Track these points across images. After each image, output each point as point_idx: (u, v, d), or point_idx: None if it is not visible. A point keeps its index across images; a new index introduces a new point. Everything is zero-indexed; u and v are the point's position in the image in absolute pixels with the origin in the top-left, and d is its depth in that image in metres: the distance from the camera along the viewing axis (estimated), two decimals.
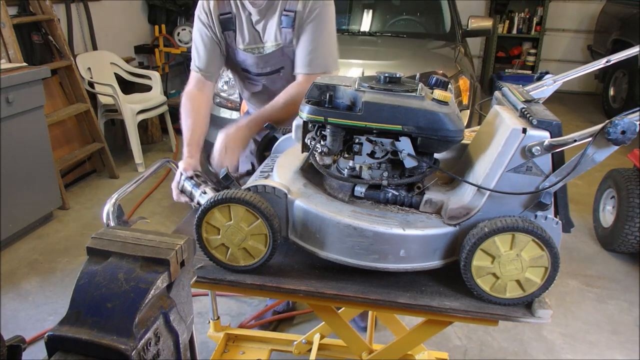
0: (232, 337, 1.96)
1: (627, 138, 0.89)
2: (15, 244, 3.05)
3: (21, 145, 2.99)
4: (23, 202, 3.04)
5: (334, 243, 1.07)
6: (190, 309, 0.82)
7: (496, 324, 1.07)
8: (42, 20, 3.59)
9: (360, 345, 1.41)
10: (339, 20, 4.21)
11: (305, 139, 1.20)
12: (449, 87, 1.17)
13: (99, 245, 0.74)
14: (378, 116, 1.06)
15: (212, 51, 1.72)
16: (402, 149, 1.08)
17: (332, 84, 1.10)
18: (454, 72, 3.12)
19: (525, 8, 6.87)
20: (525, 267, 1.01)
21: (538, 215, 1.03)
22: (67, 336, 0.66)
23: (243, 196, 1.05)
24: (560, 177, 0.99)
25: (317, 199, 1.11)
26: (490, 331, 2.37)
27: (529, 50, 7.01)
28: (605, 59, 1.29)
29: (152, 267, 0.71)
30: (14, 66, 3.06)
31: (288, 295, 1.13)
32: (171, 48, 5.10)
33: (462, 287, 1.07)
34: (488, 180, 1.03)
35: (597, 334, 2.40)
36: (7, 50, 3.28)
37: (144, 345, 0.67)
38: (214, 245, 1.11)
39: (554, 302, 2.59)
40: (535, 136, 0.98)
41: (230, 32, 1.71)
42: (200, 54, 1.72)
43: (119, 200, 1.19)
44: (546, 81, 1.30)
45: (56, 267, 2.84)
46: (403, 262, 1.06)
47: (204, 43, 1.71)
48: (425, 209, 1.11)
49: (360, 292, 1.07)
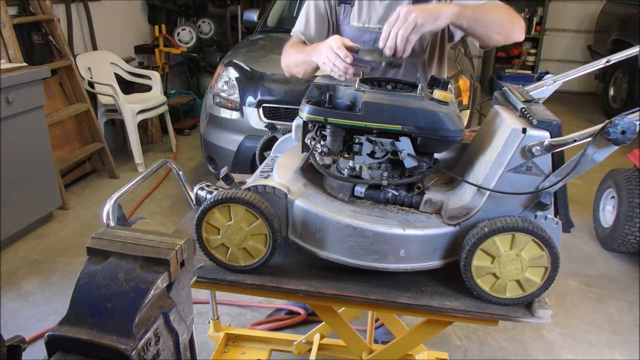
0: (232, 337, 1.96)
1: (627, 138, 0.89)
2: (15, 244, 3.05)
3: (21, 145, 2.99)
4: (23, 202, 3.04)
5: (334, 243, 1.07)
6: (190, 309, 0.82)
7: (496, 324, 1.07)
8: (42, 20, 3.59)
9: (360, 345, 1.41)
10: None
11: (305, 139, 1.20)
12: (449, 87, 1.17)
13: (99, 245, 0.74)
14: (378, 116, 1.06)
15: (322, 23, 1.66)
16: (402, 149, 1.08)
17: (332, 84, 1.10)
18: (454, 72, 3.12)
19: (525, 8, 6.86)
20: (525, 267, 1.01)
21: (538, 215, 1.03)
22: (67, 336, 0.66)
23: (243, 196, 1.05)
24: (560, 177, 0.99)
25: (317, 199, 1.12)
26: (490, 331, 2.37)
27: (529, 50, 7.01)
28: (605, 59, 1.29)
29: (152, 267, 0.71)
30: (14, 66, 3.06)
31: (288, 295, 1.13)
32: (171, 48, 5.10)
33: (462, 287, 1.07)
34: (488, 180, 1.03)
35: (597, 334, 2.40)
36: (7, 50, 3.28)
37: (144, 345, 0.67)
38: (214, 245, 1.11)
39: (554, 302, 2.59)
40: (535, 136, 0.98)
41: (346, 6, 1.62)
42: (309, 23, 1.67)
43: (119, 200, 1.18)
44: (546, 81, 1.30)
45: (56, 267, 2.84)
46: (403, 262, 1.06)
47: (318, 12, 1.66)
48: (425, 209, 1.11)
49: (360, 292, 1.07)
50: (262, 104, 3.02)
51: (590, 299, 2.66)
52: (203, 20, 5.78)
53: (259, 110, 3.03)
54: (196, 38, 5.47)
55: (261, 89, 3.03)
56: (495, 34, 1.44)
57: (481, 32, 1.44)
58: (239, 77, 3.16)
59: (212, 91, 3.29)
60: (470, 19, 1.38)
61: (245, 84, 3.11)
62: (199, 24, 5.75)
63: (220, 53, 5.47)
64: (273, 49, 3.61)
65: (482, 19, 1.41)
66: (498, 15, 1.43)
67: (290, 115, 2.95)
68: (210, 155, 3.29)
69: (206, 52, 5.73)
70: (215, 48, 5.80)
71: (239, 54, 3.43)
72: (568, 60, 6.98)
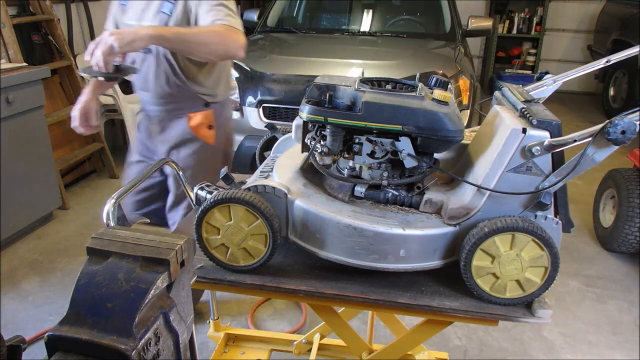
0: (232, 337, 1.96)
1: (627, 138, 0.89)
2: (15, 244, 3.05)
3: (21, 145, 2.99)
4: (23, 202, 3.04)
5: (334, 243, 1.07)
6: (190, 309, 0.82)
7: (496, 324, 1.07)
8: (42, 20, 3.60)
9: (360, 345, 1.41)
10: (339, 20, 4.22)
11: (305, 139, 1.20)
12: (449, 87, 1.17)
13: (99, 245, 0.74)
14: (378, 116, 1.06)
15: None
16: (402, 149, 1.08)
17: (332, 84, 1.10)
18: (454, 72, 3.12)
19: (525, 8, 6.87)
20: (525, 267, 1.01)
21: (538, 215, 1.03)
22: (67, 336, 0.66)
23: (243, 196, 1.05)
24: (560, 177, 0.99)
25: (317, 199, 1.12)
26: (490, 331, 2.37)
27: (529, 50, 7.01)
28: (605, 59, 1.29)
29: (152, 267, 0.71)
30: (14, 66, 3.06)
31: (288, 295, 1.12)
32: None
33: (462, 287, 1.07)
34: (488, 180, 1.03)
35: (597, 334, 2.40)
36: (7, 50, 3.28)
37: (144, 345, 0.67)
38: (214, 245, 1.11)
39: (554, 302, 2.59)
40: (535, 136, 0.98)
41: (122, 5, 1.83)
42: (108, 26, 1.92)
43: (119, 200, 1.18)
44: (546, 81, 1.30)
45: (56, 267, 2.84)
46: (403, 262, 1.06)
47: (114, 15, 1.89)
48: (425, 209, 1.11)
49: (360, 292, 1.07)
50: (262, 104, 3.02)
51: (590, 299, 2.66)
52: None
53: (259, 110, 3.03)
54: None
55: (261, 89, 3.03)
56: (204, 53, 1.65)
57: (189, 52, 1.67)
58: (239, 77, 3.16)
59: None
60: (172, 41, 1.58)
61: (245, 84, 3.11)
62: None
63: None
64: (273, 49, 3.62)
65: (188, 42, 1.60)
66: (208, 38, 1.62)
67: (290, 115, 2.95)
68: None
69: None
70: None
71: None
72: (568, 60, 6.98)
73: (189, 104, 1.87)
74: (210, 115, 1.90)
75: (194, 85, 1.84)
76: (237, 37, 1.64)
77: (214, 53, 1.65)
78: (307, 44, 3.74)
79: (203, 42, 1.61)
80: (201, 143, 1.90)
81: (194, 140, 1.90)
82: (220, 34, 1.62)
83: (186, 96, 1.84)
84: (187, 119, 1.88)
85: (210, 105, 1.90)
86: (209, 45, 1.62)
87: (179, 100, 1.86)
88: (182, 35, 1.59)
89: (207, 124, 1.90)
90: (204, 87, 1.86)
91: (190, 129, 1.88)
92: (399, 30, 3.99)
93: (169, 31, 1.58)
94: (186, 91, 1.83)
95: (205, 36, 1.62)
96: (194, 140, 1.90)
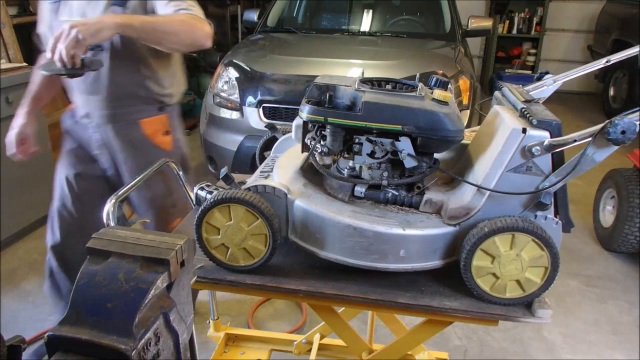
0: (232, 337, 1.95)
1: (627, 138, 0.89)
2: (15, 244, 3.05)
3: None
4: (23, 202, 3.04)
5: (334, 243, 1.07)
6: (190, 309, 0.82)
7: (496, 324, 1.07)
8: None
9: (360, 345, 1.41)
10: (339, 20, 4.22)
11: (305, 139, 1.20)
12: (449, 87, 1.17)
13: (99, 245, 0.74)
14: (378, 116, 1.06)
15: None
16: (402, 149, 1.08)
17: (332, 84, 1.10)
18: (454, 72, 3.12)
19: (525, 8, 6.87)
20: (525, 267, 1.01)
21: (538, 215, 1.03)
22: (67, 336, 0.66)
23: (243, 196, 1.05)
24: (560, 177, 0.99)
25: (317, 199, 1.12)
26: (490, 331, 2.37)
27: (529, 50, 7.01)
28: (605, 59, 1.29)
29: (152, 267, 0.71)
30: (14, 66, 3.06)
31: (288, 295, 1.12)
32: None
33: (462, 287, 1.07)
34: (488, 180, 1.03)
35: (597, 334, 2.40)
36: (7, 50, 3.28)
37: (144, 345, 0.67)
38: (214, 245, 1.11)
39: (554, 302, 2.58)
40: (535, 136, 0.98)
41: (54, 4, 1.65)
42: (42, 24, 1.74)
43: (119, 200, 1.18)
44: (546, 81, 1.30)
45: None
46: (403, 262, 1.06)
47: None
48: (425, 209, 1.11)
49: (360, 292, 1.07)
50: (262, 104, 3.02)
51: (590, 299, 2.67)
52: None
53: (259, 110, 3.03)
54: None
55: (261, 89, 3.03)
56: (171, 43, 1.56)
57: (155, 41, 1.54)
58: (239, 77, 3.16)
59: (212, 91, 3.29)
60: (140, 30, 1.47)
61: (245, 84, 3.11)
62: None
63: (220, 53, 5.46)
64: (273, 49, 3.62)
65: (155, 30, 1.50)
66: (175, 27, 1.53)
67: (290, 115, 2.95)
68: (210, 155, 3.29)
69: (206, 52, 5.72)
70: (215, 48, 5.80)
71: (239, 54, 3.43)
72: (568, 60, 6.98)
73: (143, 107, 1.74)
74: (165, 119, 1.79)
75: (153, 84, 1.72)
76: (203, 26, 1.58)
77: (183, 42, 1.57)
78: (307, 44, 3.74)
79: (172, 31, 1.52)
80: (158, 150, 1.77)
81: (150, 148, 1.76)
82: (187, 23, 1.54)
83: (143, 98, 1.72)
84: (141, 125, 1.74)
85: (164, 109, 1.78)
86: (178, 35, 1.54)
87: (134, 104, 1.72)
88: (150, 23, 1.49)
89: (162, 129, 1.78)
90: (162, 86, 1.75)
91: (145, 136, 1.75)
92: (399, 30, 3.99)
93: (136, 19, 1.47)
94: (144, 92, 1.71)
95: (173, 25, 1.53)
96: (150, 148, 1.76)
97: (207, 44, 1.61)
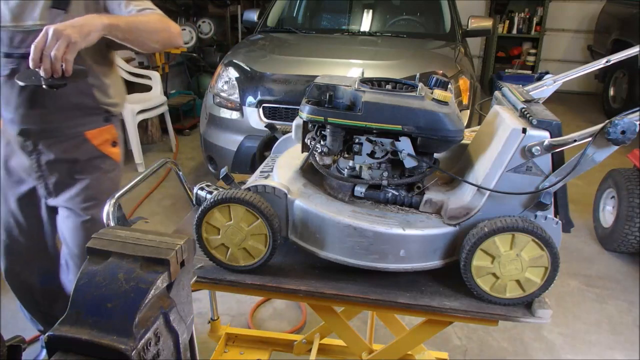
0: (232, 337, 1.95)
1: (627, 138, 0.89)
2: None
3: None
4: None
5: (333, 243, 1.07)
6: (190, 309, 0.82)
7: (496, 324, 1.07)
8: None
9: (360, 345, 1.41)
10: (339, 20, 4.22)
11: (305, 139, 1.20)
12: (449, 87, 1.17)
13: (99, 245, 0.74)
14: (378, 116, 1.06)
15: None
16: (402, 149, 1.08)
17: (332, 84, 1.10)
18: (454, 72, 3.12)
19: (525, 8, 6.87)
20: (525, 267, 1.01)
21: (538, 215, 1.03)
22: (67, 336, 0.66)
23: (243, 196, 1.05)
24: (560, 177, 0.99)
25: (317, 199, 1.12)
26: (490, 331, 2.37)
27: (529, 50, 7.01)
28: (605, 59, 1.29)
29: (152, 267, 0.71)
30: None
31: (288, 295, 1.13)
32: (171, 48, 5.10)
33: (462, 287, 1.07)
34: (488, 180, 1.03)
35: (597, 334, 2.40)
36: None
37: (144, 345, 0.67)
38: (214, 245, 1.11)
39: (554, 302, 2.59)
40: (535, 136, 0.98)
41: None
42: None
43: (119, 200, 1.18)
44: (546, 81, 1.30)
45: None
46: (403, 262, 1.06)
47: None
48: (425, 209, 1.11)
49: (360, 292, 1.07)
50: (262, 104, 3.02)
51: (590, 299, 2.66)
52: (203, 20, 5.78)
53: (259, 110, 3.03)
54: (196, 38, 5.48)
55: (261, 89, 3.03)
56: (152, 42, 1.51)
57: (137, 41, 1.48)
58: (239, 77, 3.16)
59: (212, 91, 3.29)
60: (125, 30, 1.42)
61: (245, 84, 3.11)
62: (199, 24, 5.75)
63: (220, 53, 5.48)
64: (273, 49, 3.62)
65: (137, 30, 1.45)
66: (153, 25, 1.50)
67: (290, 115, 2.95)
68: (210, 155, 3.29)
69: (206, 52, 5.73)
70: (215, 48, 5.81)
71: (239, 54, 3.43)
72: (568, 60, 6.98)
73: (89, 119, 1.64)
74: (113, 130, 1.71)
75: (99, 93, 1.62)
76: (173, 25, 1.56)
77: (162, 42, 1.54)
78: (307, 44, 3.74)
79: (152, 31, 1.49)
80: (110, 161, 1.70)
81: (104, 159, 1.69)
82: (162, 22, 1.52)
83: (90, 108, 1.62)
84: (87, 138, 1.64)
85: (110, 119, 1.69)
86: (158, 34, 1.50)
87: (81, 115, 1.61)
88: (134, 24, 1.45)
89: (110, 140, 1.70)
90: (108, 95, 1.65)
91: (94, 147, 1.66)
92: (399, 30, 3.99)
93: (120, 19, 1.41)
94: (91, 101, 1.60)
95: (152, 24, 1.49)
96: (104, 159, 1.69)
97: (180, 43, 1.60)
